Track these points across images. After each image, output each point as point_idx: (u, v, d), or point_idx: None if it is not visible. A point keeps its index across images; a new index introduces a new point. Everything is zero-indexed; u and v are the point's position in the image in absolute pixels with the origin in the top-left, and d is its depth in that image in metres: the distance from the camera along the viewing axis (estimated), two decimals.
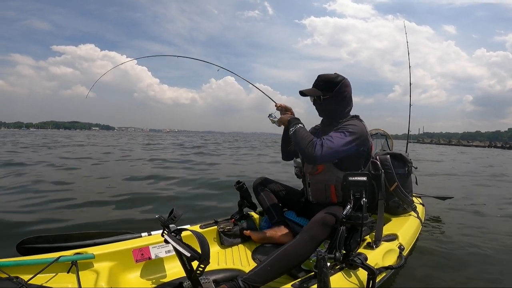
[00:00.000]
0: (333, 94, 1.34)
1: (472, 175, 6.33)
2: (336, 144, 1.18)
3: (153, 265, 1.26)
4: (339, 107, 1.37)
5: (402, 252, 1.29)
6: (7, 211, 2.44)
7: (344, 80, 1.35)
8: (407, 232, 1.52)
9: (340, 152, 1.20)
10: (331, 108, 1.38)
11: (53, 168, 5.18)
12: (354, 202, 1.08)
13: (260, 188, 1.64)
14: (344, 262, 1.05)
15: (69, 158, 6.97)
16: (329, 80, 1.35)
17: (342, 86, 1.34)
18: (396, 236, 1.41)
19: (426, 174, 5.86)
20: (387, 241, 1.34)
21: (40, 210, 2.53)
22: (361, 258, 1.06)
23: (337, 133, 1.23)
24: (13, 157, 6.72)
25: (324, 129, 1.42)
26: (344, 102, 1.37)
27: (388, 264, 1.15)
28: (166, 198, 3.16)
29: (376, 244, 1.26)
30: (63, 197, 2.96)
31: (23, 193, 3.14)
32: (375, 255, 1.18)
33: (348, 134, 1.22)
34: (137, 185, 3.86)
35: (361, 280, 1.03)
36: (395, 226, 1.56)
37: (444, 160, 11.03)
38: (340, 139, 1.20)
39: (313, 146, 1.18)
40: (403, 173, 1.68)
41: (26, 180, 3.87)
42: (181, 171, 5.28)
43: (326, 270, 0.88)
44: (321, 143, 1.18)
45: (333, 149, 1.18)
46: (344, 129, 1.24)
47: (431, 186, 4.25)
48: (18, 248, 1.14)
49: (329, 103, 1.36)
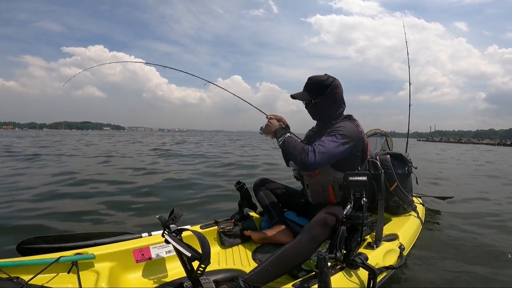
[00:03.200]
0: (324, 97, 1.33)
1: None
2: (328, 149, 1.18)
3: (153, 266, 1.26)
4: (331, 109, 1.36)
5: (403, 252, 1.29)
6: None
7: (335, 82, 1.34)
8: (408, 232, 1.52)
9: (334, 155, 1.20)
10: (323, 111, 1.37)
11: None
12: (355, 202, 1.08)
13: (260, 189, 1.64)
14: (345, 262, 1.05)
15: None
16: (320, 82, 1.33)
17: (333, 88, 1.33)
18: (396, 236, 1.41)
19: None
20: (387, 241, 1.35)
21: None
22: (361, 258, 1.07)
23: (329, 137, 1.22)
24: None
25: (320, 130, 1.43)
26: (336, 104, 1.36)
27: (388, 264, 1.15)
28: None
29: (376, 244, 1.26)
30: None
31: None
32: (375, 255, 1.18)
33: (340, 137, 1.22)
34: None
35: (361, 280, 1.03)
36: (395, 226, 1.56)
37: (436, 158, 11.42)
38: (332, 142, 1.20)
39: (306, 154, 1.16)
40: (403, 173, 1.68)
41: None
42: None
43: (326, 270, 0.88)
44: (312, 149, 1.17)
45: (326, 154, 1.18)
46: (336, 132, 1.24)
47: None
48: (18, 248, 1.14)
49: (321, 106, 1.35)
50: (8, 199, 2.85)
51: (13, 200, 2.81)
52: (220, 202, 3.00)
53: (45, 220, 2.24)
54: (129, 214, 2.56)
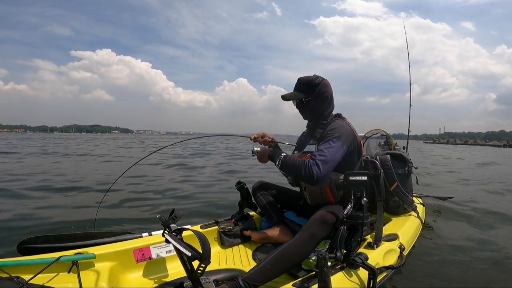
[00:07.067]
0: (314, 96, 1.35)
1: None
2: (329, 157, 1.18)
3: (153, 265, 1.27)
4: (321, 108, 1.38)
5: (403, 252, 1.29)
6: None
7: (324, 81, 1.37)
8: (408, 232, 1.53)
9: (336, 160, 1.21)
10: (313, 109, 1.38)
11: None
12: (355, 202, 1.08)
13: (258, 192, 1.64)
14: (345, 262, 1.05)
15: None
16: (309, 82, 1.36)
17: (323, 86, 1.35)
18: (396, 236, 1.41)
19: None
20: (387, 241, 1.35)
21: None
22: (361, 257, 1.06)
23: (325, 144, 1.23)
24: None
25: (311, 132, 1.43)
26: (326, 103, 1.38)
27: (388, 264, 1.15)
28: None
29: (376, 244, 1.26)
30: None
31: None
32: (375, 254, 1.18)
33: (336, 139, 1.23)
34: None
35: (361, 280, 1.03)
36: (395, 226, 1.56)
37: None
38: (330, 148, 1.21)
39: (309, 169, 1.16)
40: (403, 173, 1.68)
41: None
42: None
43: (326, 269, 0.88)
44: (314, 162, 1.17)
45: (329, 162, 1.18)
46: (330, 136, 1.25)
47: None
48: (18, 248, 1.14)
49: (311, 105, 1.37)
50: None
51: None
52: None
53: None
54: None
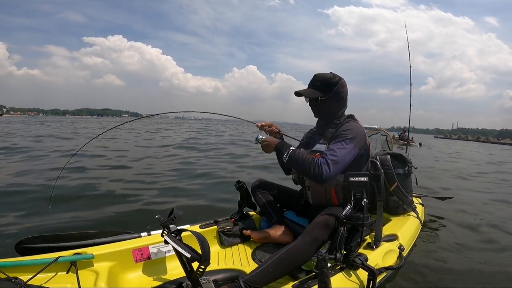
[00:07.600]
0: (331, 95, 1.31)
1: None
2: (340, 157, 1.16)
3: (152, 265, 1.26)
4: (336, 108, 1.35)
5: (402, 253, 1.29)
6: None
7: (341, 80, 1.32)
8: (407, 233, 1.53)
9: (346, 162, 1.18)
10: (328, 109, 1.35)
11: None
12: (355, 203, 1.08)
13: (258, 190, 1.62)
14: (345, 263, 1.06)
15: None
16: (327, 80, 1.32)
17: (340, 86, 1.31)
18: (396, 237, 1.41)
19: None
20: (387, 241, 1.35)
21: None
22: (361, 258, 1.07)
23: (337, 144, 1.20)
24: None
25: (320, 130, 1.41)
26: (341, 103, 1.35)
27: (388, 264, 1.15)
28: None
29: (376, 244, 1.26)
30: None
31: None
32: (375, 255, 1.18)
33: (349, 141, 1.20)
34: None
35: (361, 281, 1.03)
36: (395, 227, 1.56)
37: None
38: (343, 149, 1.18)
39: (319, 167, 1.12)
40: (403, 173, 1.67)
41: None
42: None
43: (326, 270, 0.88)
44: (325, 161, 1.13)
45: (340, 163, 1.15)
46: (343, 136, 1.21)
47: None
48: (16, 248, 1.13)
49: (327, 104, 1.33)
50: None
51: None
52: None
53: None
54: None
